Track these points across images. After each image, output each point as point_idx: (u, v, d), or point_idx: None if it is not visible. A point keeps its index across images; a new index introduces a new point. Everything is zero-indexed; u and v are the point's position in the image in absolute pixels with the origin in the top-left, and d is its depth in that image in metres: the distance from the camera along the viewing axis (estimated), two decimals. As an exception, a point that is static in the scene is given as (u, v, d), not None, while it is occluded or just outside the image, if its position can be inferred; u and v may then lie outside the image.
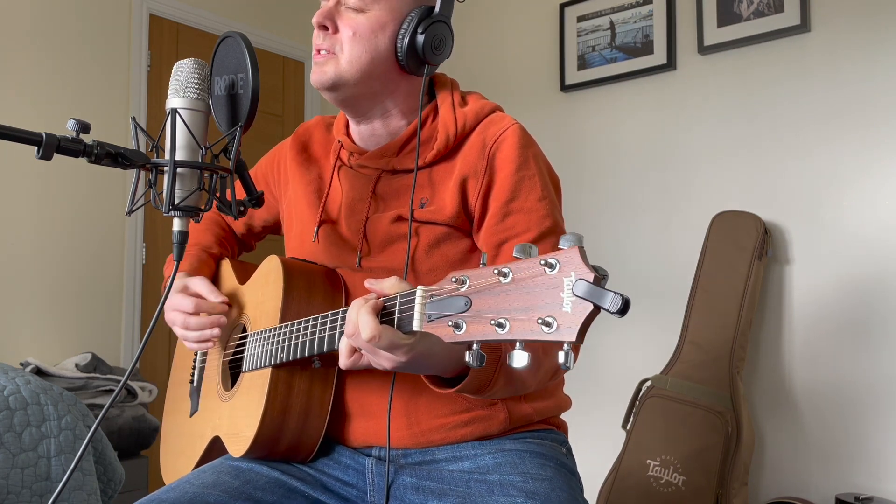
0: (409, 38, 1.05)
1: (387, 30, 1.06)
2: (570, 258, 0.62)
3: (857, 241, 2.33)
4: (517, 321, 0.64)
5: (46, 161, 1.09)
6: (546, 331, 0.62)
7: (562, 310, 0.62)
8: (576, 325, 0.60)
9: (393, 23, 1.06)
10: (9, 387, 1.75)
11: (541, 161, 1.09)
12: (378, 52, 1.06)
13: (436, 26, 1.06)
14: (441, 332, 0.71)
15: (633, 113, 2.87)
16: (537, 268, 0.64)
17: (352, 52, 1.05)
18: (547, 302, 0.63)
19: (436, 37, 1.07)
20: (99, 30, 3.05)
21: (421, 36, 1.05)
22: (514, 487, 0.98)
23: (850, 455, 2.30)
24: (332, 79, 1.06)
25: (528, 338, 0.64)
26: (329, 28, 1.06)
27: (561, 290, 0.62)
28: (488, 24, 3.34)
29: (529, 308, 0.64)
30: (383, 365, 0.85)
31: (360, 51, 1.05)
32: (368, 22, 1.05)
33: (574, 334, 0.60)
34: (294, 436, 1.06)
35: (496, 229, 1.04)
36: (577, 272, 0.61)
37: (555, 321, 0.62)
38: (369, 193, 1.12)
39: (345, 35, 1.05)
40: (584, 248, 0.62)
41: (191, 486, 1.03)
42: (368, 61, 1.06)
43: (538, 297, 0.64)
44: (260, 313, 1.13)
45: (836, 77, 2.40)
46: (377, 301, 0.83)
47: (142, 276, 3.15)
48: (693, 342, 2.42)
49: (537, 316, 0.63)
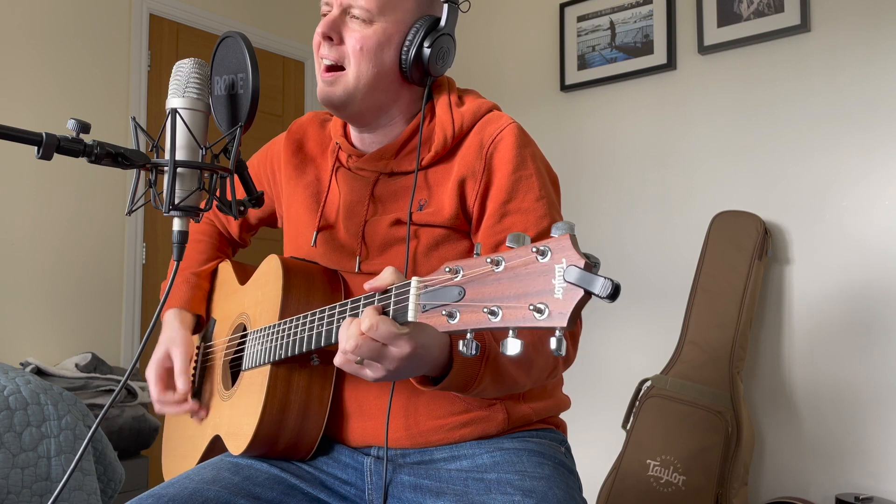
0: (415, 51, 1.06)
1: (392, 42, 1.06)
2: (562, 245, 0.62)
3: (857, 240, 2.33)
4: (510, 308, 0.64)
5: (46, 161, 1.09)
6: (538, 317, 0.62)
7: (553, 296, 0.62)
8: (567, 311, 0.61)
9: (398, 35, 1.06)
10: (9, 387, 1.75)
11: (538, 160, 1.08)
12: (384, 65, 1.06)
13: (442, 39, 1.07)
14: (435, 322, 0.71)
15: (633, 113, 2.87)
16: (529, 255, 0.64)
17: (359, 68, 1.05)
18: (539, 289, 0.63)
19: (441, 49, 1.07)
20: (99, 30, 3.05)
21: (427, 49, 1.06)
22: (512, 486, 0.97)
23: (850, 455, 2.30)
24: (341, 98, 1.06)
25: (520, 325, 0.64)
26: (334, 39, 1.06)
27: (552, 277, 0.62)
28: (488, 24, 3.34)
29: (522, 295, 0.64)
30: (378, 374, 0.83)
31: (367, 66, 1.05)
32: (375, 35, 1.05)
33: (565, 320, 0.61)
34: (293, 433, 1.06)
35: (494, 230, 1.03)
36: (569, 259, 0.61)
37: (546, 307, 0.62)
38: (367, 196, 1.11)
39: (351, 48, 1.05)
40: (575, 235, 0.63)
41: (190, 481, 1.03)
42: (374, 75, 1.06)
43: (530, 285, 0.64)
44: (259, 312, 1.13)
45: (836, 77, 2.40)
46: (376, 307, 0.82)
47: (142, 276, 3.15)
48: (693, 342, 2.42)
49: (529, 303, 0.63)
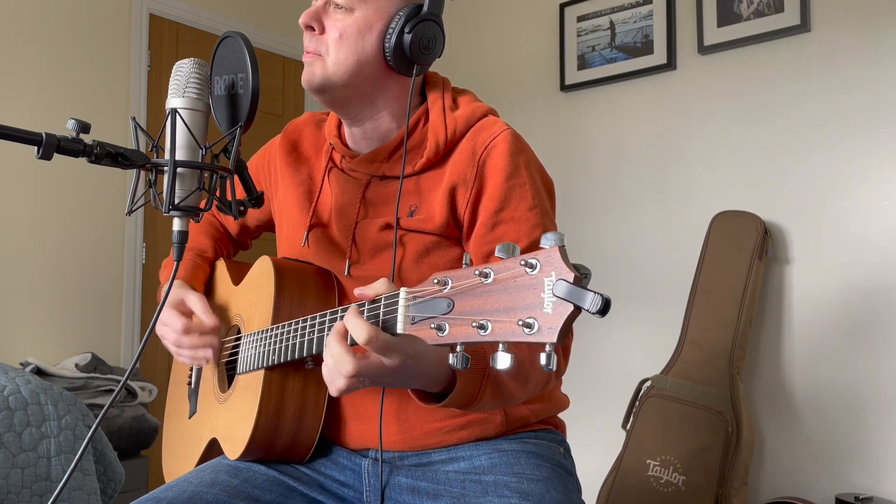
0: (396, 38, 1.03)
1: (374, 30, 1.04)
2: (551, 258, 0.61)
3: (857, 240, 2.33)
4: (499, 323, 0.63)
5: (46, 161, 1.09)
6: (527, 332, 0.61)
7: (542, 311, 0.60)
8: (556, 327, 0.59)
9: (381, 22, 1.04)
10: (9, 387, 1.75)
11: (533, 167, 1.06)
12: (365, 53, 1.04)
13: (424, 25, 1.04)
14: (424, 335, 0.70)
15: (633, 113, 2.87)
16: (518, 268, 0.63)
17: (338, 55, 1.03)
18: (528, 303, 0.62)
19: (424, 36, 1.04)
20: (99, 30, 3.05)
21: (408, 36, 1.03)
22: (509, 488, 0.97)
23: (850, 455, 2.30)
24: (319, 81, 1.05)
25: (509, 339, 0.62)
26: (316, 29, 1.05)
27: (542, 291, 0.61)
28: (488, 24, 3.34)
29: (511, 309, 0.63)
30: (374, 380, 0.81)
31: (346, 53, 1.03)
32: (355, 23, 1.03)
33: (555, 336, 0.59)
34: (289, 437, 1.05)
35: (485, 239, 1.01)
36: (558, 272, 0.60)
37: (535, 322, 0.61)
38: (359, 198, 1.10)
39: (331, 37, 1.04)
40: (564, 246, 0.61)
41: (189, 484, 1.03)
42: (355, 63, 1.04)
43: (519, 298, 0.62)
44: (253, 314, 1.12)
45: (836, 77, 2.40)
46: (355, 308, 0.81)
47: (142, 276, 3.15)
48: (693, 342, 2.42)
49: (518, 317, 0.62)
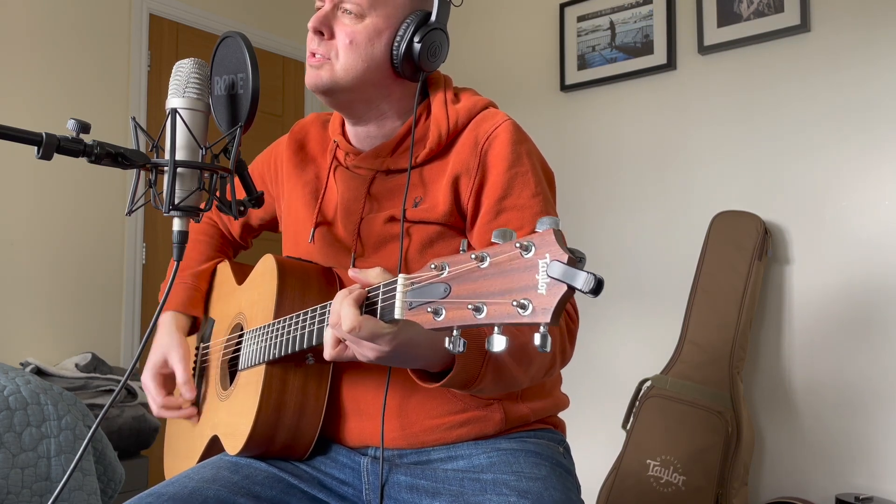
0: (405, 46, 1.05)
1: (383, 37, 1.05)
2: (545, 240, 0.62)
3: (857, 240, 2.33)
4: (494, 305, 0.64)
5: (46, 161, 1.09)
6: (521, 313, 0.62)
7: (537, 291, 0.61)
8: (550, 307, 0.60)
9: (389, 29, 1.06)
10: (9, 387, 1.75)
11: (534, 157, 1.08)
12: (373, 59, 1.06)
13: (433, 34, 1.06)
14: (421, 319, 0.71)
15: (634, 113, 2.87)
16: (513, 251, 0.64)
17: (347, 61, 1.05)
18: (523, 284, 0.62)
19: (433, 44, 1.06)
20: (99, 30, 3.05)
21: (418, 44, 1.05)
22: (508, 486, 0.97)
23: (850, 455, 2.30)
24: (326, 84, 1.06)
25: (504, 321, 0.63)
26: (325, 34, 1.06)
27: (536, 273, 0.62)
28: (488, 24, 3.34)
29: (506, 291, 0.64)
30: (367, 356, 0.84)
31: (355, 59, 1.05)
32: (365, 30, 1.05)
33: (549, 315, 0.60)
34: (290, 433, 1.05)
35: (489, 227, 1.03)
36: (552, 254, 0.61)
37: (530, 303, 0.61)
38: (364, 194, 1.12)
39: (341, 42, 1.05)
40: (560, 230, 0.62)
41: (190, 480, 1.03)
42: (364, 69, 1.05)
43: (514, 280, 0.63)
44: (255, 312, 1.13)
45: (836, 77, 2.40)
46: (361, 292, 0.83)
47: (142, 276, 3.15)
48: (693, 342, 2.42)
49: (513, 299, 0.63)
